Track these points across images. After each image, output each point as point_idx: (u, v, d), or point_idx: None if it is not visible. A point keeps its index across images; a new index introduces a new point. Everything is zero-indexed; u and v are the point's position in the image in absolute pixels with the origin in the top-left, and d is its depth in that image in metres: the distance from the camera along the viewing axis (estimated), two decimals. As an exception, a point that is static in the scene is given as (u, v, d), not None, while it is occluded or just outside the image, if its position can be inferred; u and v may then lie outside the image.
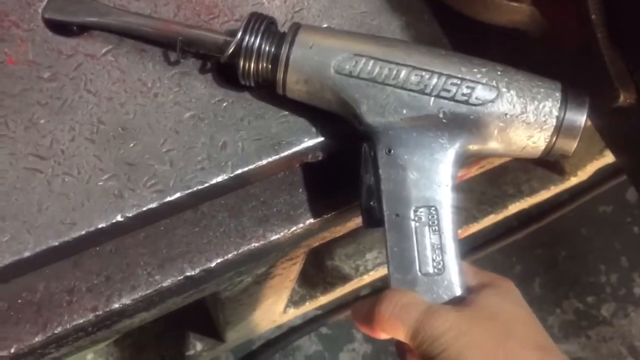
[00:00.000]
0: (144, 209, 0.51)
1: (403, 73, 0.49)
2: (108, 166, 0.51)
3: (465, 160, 0.52)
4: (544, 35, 0.61)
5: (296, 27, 0.51)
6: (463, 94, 0.49)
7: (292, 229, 0.57)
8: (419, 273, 0.49)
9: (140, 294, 0.53)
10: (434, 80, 0.49)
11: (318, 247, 1.15)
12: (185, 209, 0.55)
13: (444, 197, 0.50)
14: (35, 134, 0.51)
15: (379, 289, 1.43)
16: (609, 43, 0.54)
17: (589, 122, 0.62)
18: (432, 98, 0.49)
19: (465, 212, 1.29)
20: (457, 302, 0.49)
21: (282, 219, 0.57)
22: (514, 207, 1.32)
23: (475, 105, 0.49)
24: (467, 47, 0.60)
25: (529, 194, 1.31)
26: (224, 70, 0.55)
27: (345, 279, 1.23)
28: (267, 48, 0.51)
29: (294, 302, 1.18)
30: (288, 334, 1.49)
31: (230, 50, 0.51)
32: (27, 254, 0.48)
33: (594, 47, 0.55)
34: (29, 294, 0.52)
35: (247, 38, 0.51)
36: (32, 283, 0.52)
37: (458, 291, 0.49)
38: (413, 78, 0.49)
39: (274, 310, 1.04)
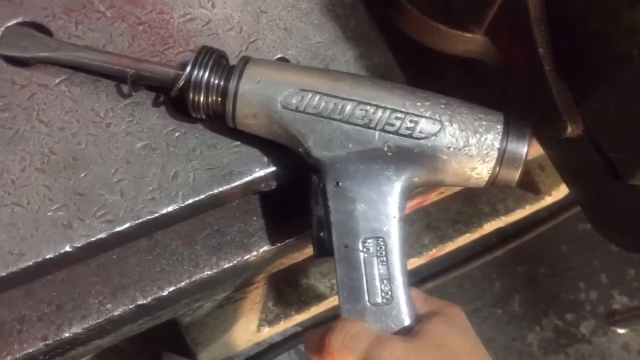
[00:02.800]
0: (93, 239, 0.51)
1: (348, 107, 0.50)
2: (58, 196, 0.51)
3: (413, 191, 0.53)
4: (498, 65, 0.62)
5: (245, 61, 0.52)
6: (407, 128, 0.50)
7: (245, 257, 0.57)
8: (368, 303, 0.50)
9: (90, 322, 0.53)
10: (379, 115, 0.50)
11: (292, 266, 1.15)
12: (138, 237, 0.55)
13: (392, 229, 0.51)
14: (-15, 164, 0.51)
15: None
16: (556, 75, 0.55)
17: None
18: (377, 132, 0.50)
19: (441, 232, 1.29)
20: (405, 332, 0.50)
21: (235, 247, 0.58)
22: (490, 226, 1.33)
23: (419, 138, 0.50)
24: (424, 77, 0.62)
25: (505, 213, 1.32)
26: (177, 101, 0.55)
27: (319, 297, 1.23)
28: (216, 82, 0.51)
29: (269, 320, 1.18)
30: (267, 351, 1.49)
31: (180, 85, 0.52)
32: (-27, 284, 0.48)
33: (541, 79, 0.55)
34: (-21, 323, 0.52)
35: (196, 72, 0.51)
36: (-18, 312, 0.52)
37: (407, 321, 0.50)
38: (358, 112, 0.50)
39: (246, 330, 1.04)
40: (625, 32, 0.47)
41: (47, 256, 0.50)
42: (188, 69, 0.51)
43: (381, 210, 0.51)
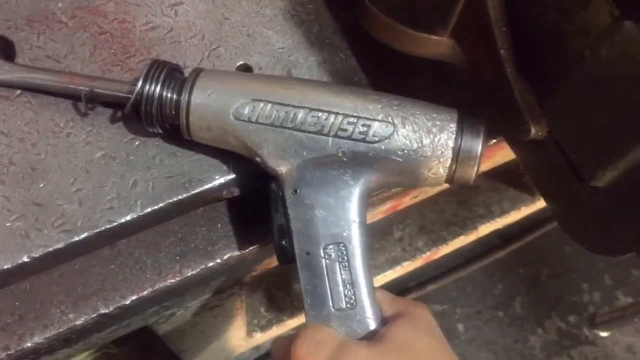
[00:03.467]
0: (51, 249, 0.51)
1: (300, 115, 0.50)
2: (16, 207, 0.52)
3: (372, 194, 0.53)
4: (465, 67, 0.61)
5: (196, 74, 0.52)
6: (360, 132, 0.49)
7: (209, 265, 0.57)
8: (332, 309, 0.50)
9: (52, 332, 0.53)
10: (331, 120, 0.50)
11: (283, 271, 1.15)
12: (100, 247, 0.56)
13: (353, 233, 0.51)
14: (-55, 176, 0.52)
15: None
16: (518, 76, 0.54)
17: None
18: (331, 138, 0.50)
19: (435, 235, 1.28)
20: (370, 337, 0.50)
21: (199, 254, 0.57)
22: (485, 228, 1.31)
23: (372, 142, 0.50)
24: (391, 80, 0.61)
25: (500, 214, 1.31)
26: (137, 112, 0.55)
27: (313, 302, 1.22)
28: (168, 95, 0.51)
29: (261, 326, 1.18)
30: (263, 357, 1.49)
31: (132, 101, 0.51)
32: None
33: (504, 82, 0.55)
34: (-59, 333, 0.52)
35: (147, 87, 0.51)
36: (-56, 323, 0.52)
37: (372, 325, 0.50)
38: (310, 119, 0.50)
39: (235, 336, 1.04)
40: (578, 31, 0.47)
41: (5, 267, 0.50)
42: (139, 83, 0.51)
43: (340, 216, 0.51)
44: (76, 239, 0.52)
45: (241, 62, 0.59)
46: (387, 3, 0.62)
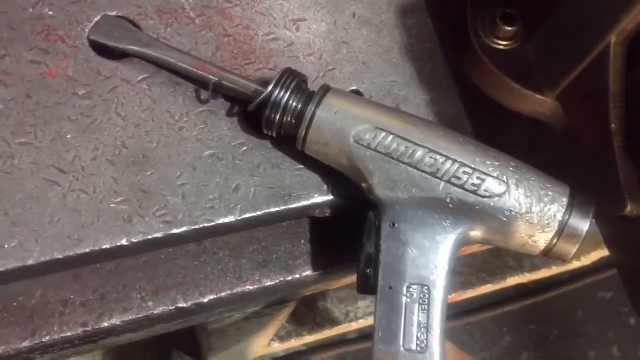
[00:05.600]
0: (150, 237, 0.52)
1: (419, 154, 0.51)
2: (123, 190, 0.53)
3: (466, 245, 0.53)
4: (564, 130, 0.62)
5: (325, 90, 0.53)
6: (473, 184, 0.50)
7: (288, 278, 0.58)
8: (402, 348, 0.50)
9: (130, 317, 0.54)
10: (447, 166, 0.51)
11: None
12: (189, 241, 0.56)
13: (439, 279, 0.51)
14: (60, 147, 0.53)
15: (367, 335, 1.43)
16: (624, 153, 0.55)
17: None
18: (443, 183, 0.51)
19: (464, 278, 1.29)
20: None
21: (280, 267, 0.58)
22: (513, 281, 1.32)
23: (483, 197, 0.51)
24: (489, 131, 0.62)
25: (530, 270, 1.31)
26: (250, 115, 0.56)
27: (334, 322, 1.23)
28: (294, 104, 0.53)
29: (280, 337, 1.18)
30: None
31: (259, 101, 0.53)
32: (31, 262, 0.50)
33: (609, 154, 0.56)
34: (25, 299, 0.53)
35: (277, 92, 0.53)
36: (30, 289, 0.53)
37: None
38: (427, 160, 0.51)
39: (259, 343, 1.04)
40: None
41: (104, 246, 0.51)
42: (270, 87, 0.53)
43: (431, 259, 0.51)
44: (175, 231, 0.53)
45: (354, 88, 0.60)
46: (499, 54, 0.63)
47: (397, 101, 0.60)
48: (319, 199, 0.56)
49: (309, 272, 0.59)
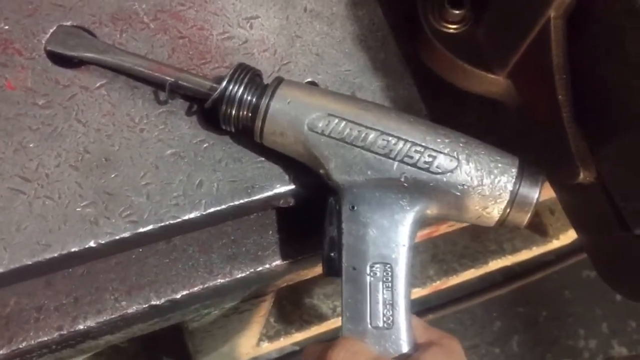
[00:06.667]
0: (117, 237, 0.53)
1: (371, 136, 0.52)
2: (88, 194, 0.54)
3: (424, 222, 0.55)
4: (517, 107, 0.64)
5: (278, 82, 0.55)
6: (425, 162, 0.52)
7: (258, 269, 0.59)
8: (369, 326, 0.51)
9: (105, 318, 0.55)
10: (399, 146, 0.52)
11: (296, 285, 1.16)
12: (158, 240, 0.58)
13: (400, 256, 0.53)
14: (23, 156, 0.54)
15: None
16: (573, 122, 0.57)
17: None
18: (396, 163, 0.52)
19: (447, 265, 1.31)
20: (403, 358, 0.51)
21: (250, 258, 0.60)
22: (495, 264, 1.34)
23: (435, 173, 0.52)
24: (444, 113, 0.64)
25: (511, 252, 1.33)
26: (209, 113, 0.58)
27: (321, 318, 1.24)
28: (248, 98, 0.54)
29: (269, 336, 1.20)
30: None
31: (215, 97, 0.54)
32: (0, 270, 0.51)
33: (559, 125, 0.58)
34: (0, 307, 0.54)
35: (231, 87, 0.54)
36: (3, 297, 0.54)
37: (405, 347, 0.52)
38: (380, 142, 0.52)
39: (247, 343, 1.05)
40: (646, 88, 0.50)
41: (72, 249, 0.52)
42: (224, 83, 0.54)
43: (391, 238, 0.53)
44: (141, 230, 0.54)
45: (309, 79, 0.62)
46: (449, 37, 0.65)
47: (353, 89, 0.62)
48: (281, 189, 0.58)
49: (278, 262, 0.60)
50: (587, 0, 0.55)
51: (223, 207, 0.56)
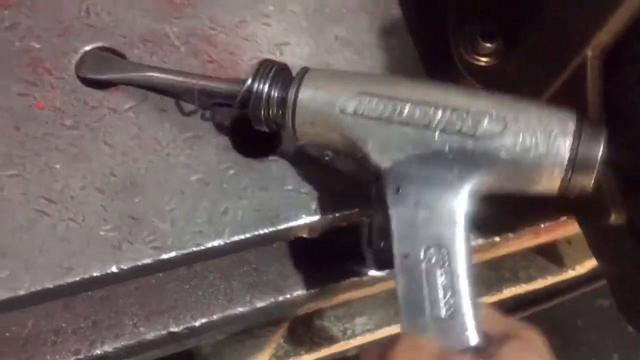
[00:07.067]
0: (139, 263, 0.53)
1: (407, 108, 0.48)
2: (112, 217, 0.53)
3: (479, 196, 0.49)
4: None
5: (304, 71, 0.52)
6: (469, 127, 0.47)
7: (279, 299, 0.59)
8: (429, 318, 0.46)
9: (123, 343, 0.55)
10: (439, 114, 0.48)
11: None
12: (179, 266, 0.57)
13: (456, 236, 0.47)
14: (49, 177, 0.53)
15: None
16: (607, 164, 0.56)
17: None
18: (437, 133, 0.47)
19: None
20: (474, 352, 0.45)
21: (270, 287, 0.59)
22: (509, 292, 1.32)
23: (481, 139, 0.47)
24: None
25: (525, 280, 1.31)
26: (237, 138, 0.57)
27: (332, 340, 1.23)
28: (275, 92, 0.52)
29: (278, 356, 1.18)
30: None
31: (242, 96, 0.52)
32: (22, 292, 0.50)
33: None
34: (18, 328, 0.54)
35: (257, 83, 0.52)
36: (22, 319, 0.54)
37: (472, 340, 0.45)
38: (417, 113, 0.48)
39: (256, 364, 1.04)
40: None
41: (94, 274, 0.52)
42: (249, 80, 0.52)
43: (444, 217, 0.47)
44: (164, 256, 0.53)
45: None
46: (480, 70, 0.64)
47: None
48: (306, 219, 0.57)
49: (299, 292, 0.59)
50: (625, 40, 0.54)
51: (247, 236, 0.55)
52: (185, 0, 0.62)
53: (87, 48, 0.58)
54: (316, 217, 0.57)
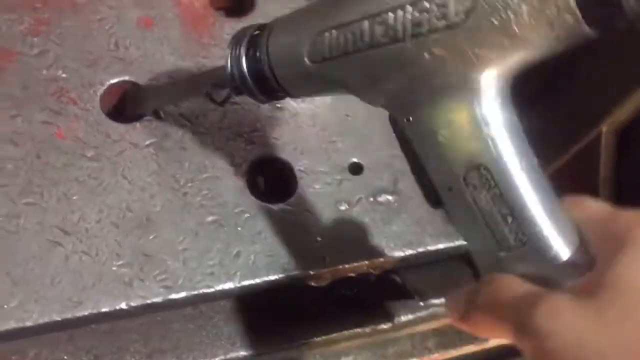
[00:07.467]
0: (149, 301, 0.53)
1: (365, 29, 0.39)
2: (125, 253, 0.53)
3: (503, 84, 0.37)
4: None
5: (268, 34, 0.46)
6: (437, 18, 0.36)
7: (284, 346, 0.59)
8: (499, 252, 0.38)
9: (123, 380, 0.54)
10: (399, 18, 0.38)
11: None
12: (188, 305, 0.57)
13: (491, 148, 0.37)
14: (66, 208, 0.53)
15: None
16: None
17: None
18: (409, 42, 0.38)
19: (447, 338, 1.29)
20: (573, 280, 0.34)
21: (277, 333, 0.59)
22: (495, 342, 1.32)
23: (458, 24, 0.35)
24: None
25: (513, 332, 1.32)
26: (254, 181, 0.58)
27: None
28: (254, 72, 0.47)
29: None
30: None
31: (228, 83, 0.49)
32: (29, 323, 0.50)
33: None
34: (19, 358, 0.53)
35: (234, 67, 0.48)
36: (24, 348, 0.53)
37: (564, 254, 0.36)
38: (377, 29, 0.39)
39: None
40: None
41: (103, 309, 0.51)
42: (228, 66, 0.48)
43: (467, 131, 0.38)
44: (174, 296, 0.53)
45: (355, 160, 0.62)
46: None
47: (396, 174, 0.62)
48: (317, 268, 0.57)
49: (310, 339, 0.59)
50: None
51: (257, 281, 0.56)
52: (212, 40, 0.63)
53: (114, 81, 0.59)
54: (326, 270, 0.58)
